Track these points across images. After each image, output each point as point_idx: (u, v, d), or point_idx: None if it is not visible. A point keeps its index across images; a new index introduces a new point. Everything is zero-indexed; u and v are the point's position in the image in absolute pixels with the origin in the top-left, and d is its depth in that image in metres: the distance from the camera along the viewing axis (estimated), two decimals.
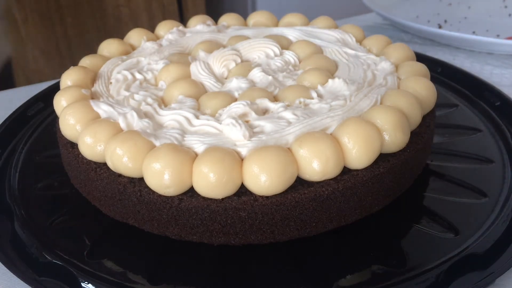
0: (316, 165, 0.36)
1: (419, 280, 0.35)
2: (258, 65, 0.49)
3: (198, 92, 0.45)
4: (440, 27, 0.77)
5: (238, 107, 0.41)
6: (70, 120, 0.42)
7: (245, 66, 0.49)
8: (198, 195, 0.37)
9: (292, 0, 1.43)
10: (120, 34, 0.57)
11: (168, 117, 0.41)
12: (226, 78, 0.48)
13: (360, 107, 0.41)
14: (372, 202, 0.40)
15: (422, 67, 0.48)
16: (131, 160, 0.38)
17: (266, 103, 0.42)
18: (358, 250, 0.39)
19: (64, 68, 0.51)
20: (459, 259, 0.37)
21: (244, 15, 0.62)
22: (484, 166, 0.46)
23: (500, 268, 0.35)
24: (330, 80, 0.45)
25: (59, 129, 0.44)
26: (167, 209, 0.38)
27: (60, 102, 0.45)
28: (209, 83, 0.47)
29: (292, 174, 0.36)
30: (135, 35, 0.57)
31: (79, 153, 0.41)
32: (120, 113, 0.41)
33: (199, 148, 0.38)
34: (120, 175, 0.39)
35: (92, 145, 0.40)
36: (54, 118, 0.53)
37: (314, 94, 0.43)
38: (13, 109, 0.57)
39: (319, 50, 0.52)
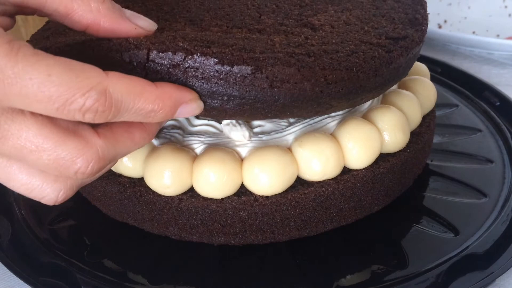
0: (316, 165, 0.36)
1: (419, 280, 0.35)
2: None
3: None
4: (440, 27, 0.77)
5: None
6: None
7: None
8: (198, 195, 0.37)
9: None
10: None
11: None
12: None
13: (360, 107, 0.41)
14: (372, 202, 0.40)
15: (422, 67, 0.48)
16: (131, 160, 0.38)
17: None
18: (358, 250, 0.39)
19: None
20: (459, 259, 0.37)
21: None
22: (484, 166, 0.46)
23: (500, 268, 0.35)
24: None
25: None
26: (167, 209, 0.37)
27: None
28: None
29: (292, 174, 0.36)
30: None
31: None
32: None
33: (199, 148, 0.38)
34: (120, 175, 0.39)
35: None
36: None
37: None
38: None
39: None
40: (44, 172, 0.27)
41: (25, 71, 0.23)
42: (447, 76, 0.59)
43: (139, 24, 0.30)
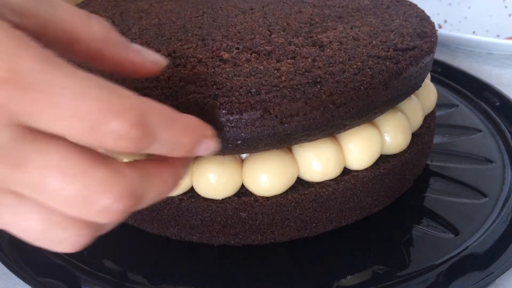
0: (316, 165, 0.36)
1: (419, 280, 0.35)
2: None
3: None
4: (440, 27, 0.77)
5: None
6: None
7: None
8: (198, 195, 0.37)
9: None
10: None
11: None
12: None
13: None
14: (372, 202, 0.40)
15: None
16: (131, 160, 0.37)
17: None
18: (358, 250, 0.39)
19: None
20: (459, 259, 0.37)
21: None
22: (484, 166, 0.46)
23: (500, 268, 0.35)
24: None
25: None
26: (167, 209, 0.37)
27: None
28: None
29: (293, 175, 0.36)
30: None
31: None
32: None
33: None
34: None
35: None
36: None
37: None
38: None
39: None
40: (61, 215, 0.22)
41: (61, 80, 0.20)
42: (447, 76, 0.59)
43: (150, 59, 0.27)
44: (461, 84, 0.58)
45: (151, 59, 0.27)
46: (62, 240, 0.23)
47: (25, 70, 0.20)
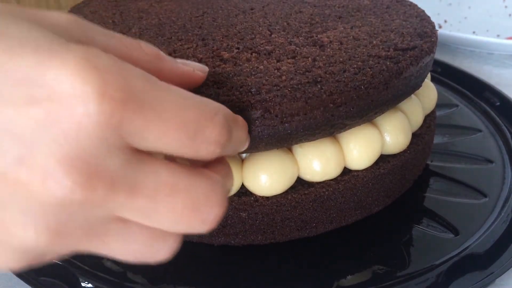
0: (316, 165, 0.36)
1: (419, 280, 0.35)
2: None
3: None
4: (440, 27, 0.77)
5: None
6: None
7: None
8: None
9: None
10: None
11: None
12: None
13: None
14: (372, 202, 0.40)
15: None
16: None
17: None
18: (358, 250, 0.39)
19: None
20: (459, 259, 0.37)
21: None
22: (484, 166, 0.46)
23: (500, 268, 0.35)
24: None
25: None
26: None
27: None
28: None
29: (293, 175, 0.36)
30: None
31: None
32: None
33: None
34: None
35: None
36: None
37: None
38: None
39: None
40: (160, 230, 0.22)
41: (164, 95, 0.20)
42: (447, 76, 0.59)
43: (197, 68, 0.29)
44: (461, 84, 0.58)
45: (197, 68, 0.29)
46: (161, 250, 0.23)
47: (138, 89, 0.20)
